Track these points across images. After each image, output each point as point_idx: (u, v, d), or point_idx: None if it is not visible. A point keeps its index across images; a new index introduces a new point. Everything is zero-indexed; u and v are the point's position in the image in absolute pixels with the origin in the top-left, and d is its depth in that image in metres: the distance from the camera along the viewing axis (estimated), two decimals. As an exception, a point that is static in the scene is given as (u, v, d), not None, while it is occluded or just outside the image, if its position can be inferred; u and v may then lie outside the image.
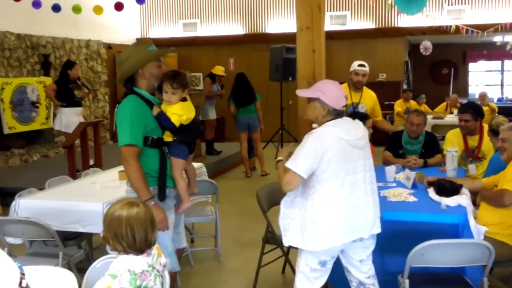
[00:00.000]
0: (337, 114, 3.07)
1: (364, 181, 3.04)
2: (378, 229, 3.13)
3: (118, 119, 3.20)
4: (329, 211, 2.95)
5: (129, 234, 2.26)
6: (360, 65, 5.54)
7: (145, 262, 2.27)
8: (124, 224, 2.27)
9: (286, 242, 3.13)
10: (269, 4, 13.43)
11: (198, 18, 13.94)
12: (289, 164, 2.94)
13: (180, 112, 3.30)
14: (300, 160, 2.93)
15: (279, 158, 3.15)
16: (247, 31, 13.65)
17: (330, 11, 12.81)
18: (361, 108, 5.59)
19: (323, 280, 3.14)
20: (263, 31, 13.50)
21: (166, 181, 3.30)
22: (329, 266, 3.11)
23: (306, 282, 3.10)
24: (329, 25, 12.63)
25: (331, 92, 3.06)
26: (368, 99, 5.70)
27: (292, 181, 2.95)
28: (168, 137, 3.31)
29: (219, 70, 10.07)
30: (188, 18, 14.02)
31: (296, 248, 3.15)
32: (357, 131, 3.07)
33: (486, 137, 4.96)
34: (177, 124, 3.28)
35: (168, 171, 3.32)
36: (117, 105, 3.40)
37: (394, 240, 3.53)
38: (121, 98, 3.33)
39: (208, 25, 13.88)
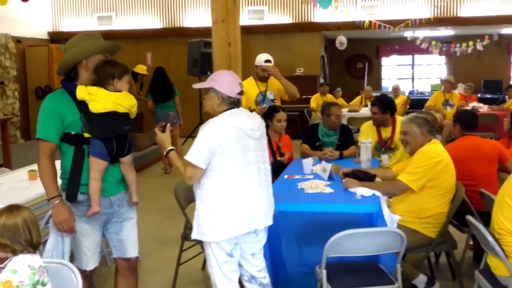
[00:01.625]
0: (232, 102, 3.07)
1: (259, 172, 3.08)
2: (270, 221, 3.16)
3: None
4: (225, 201, 2.95)
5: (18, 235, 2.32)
6: (266, 61, 5.61)
7: (40, 260, 2.35)
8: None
9: (192, 236, 3.10)
10: (186, -3, 13.29)
11: (113, 11, 13.55)
12: (188, 157, 2.93)
13: (104, 100, 2.98)
14: (197, 152, 2.91)
15: (169, 148, 3.11)
16: (165, 25, 13.43)
17: (248, 5, 12.85)
18: (270, 95, 5.68)
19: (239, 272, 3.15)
20: (181, 25, 13.33)
21: (78, 182, 2.98)
22: (237, 254, 3.10)
23: (222, 277, 3.07)
24: (247, 20, 12.67)
25: (224, 80, 3.07)
26: (275, 84, 5.76)
27: (193, 175, 2.95)
28: (85, 133, 2.99)
29: (141, 69, 9.84)
30: (102, 11, 13.59)
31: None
32: (253, 122, 3.10)
33: (398, 129, 5.12)
34: (94, 110, 2.96)
35: (86, 173, 2.99)
36: None
37: (311, 232, 3.57)
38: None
39: (124, 18, 13.52)
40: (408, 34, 12.90)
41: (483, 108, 10.50)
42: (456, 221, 4.38)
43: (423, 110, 10.14)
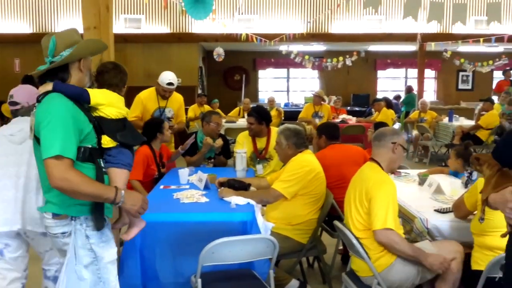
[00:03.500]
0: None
1: (18, 175, 3.13)
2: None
3: (43, 124, 2.36)
4: None
5: None
6: (168, 84, 5.63)
7: None
8: None
9: None
10: (57, 2, 12.73)
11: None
12: None
13: (120, 104, 2.64)
14: None
15: None
16: (35, 30, 12.76)
17: (124, 13, 12.60)
18: (168, 113, 5.72)
19: (15, 273, 3.22)
20: (52, 30, 12.74)
21: (103, 205, 2.51)
22: (11, 255, 3.20)
23: None
24: (123, 28, 12.42)
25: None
26: (175, 102, 5.81)
27: None
28: (108, 143, 2.58)
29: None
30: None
31: None
32: (15, 128, 3.23)
33: (273, 139, 5.27)
34: (112, 116, 2.61)
35: None
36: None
37: (187, 242, 3.55)
38: (40, 97, 2.53)
39: (-11, 21, 12.68)
40: (283, 48, 13.38)
41: (352, 120, 11.14)
42: (327, 226, 4.60)
43: (297, 121, 10.54)
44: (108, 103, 2.59)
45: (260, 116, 5.36)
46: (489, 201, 2.33)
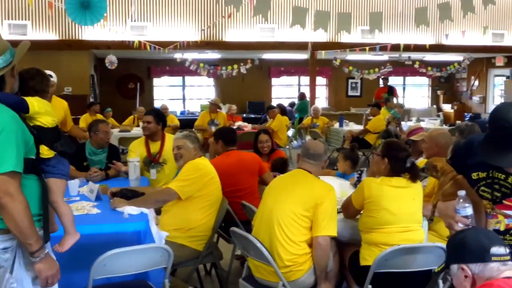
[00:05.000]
0: None
1: None
2: None
3: None
4: None
5: None
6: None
7: None
8: None
9: None
10: None
11: None
12: None
13: (53, 111, 2.54)
14: None
15: None
16: None
17: (8, 19, 11.95)
18: None
19: None
20: None
21: (48, 217, 2.44)
22: None
23: None
24: (8, 35, 11.77)
25: None
26: (59, 109, 5.49)
27: None
28: (47, 153, 2.49)
29: None
30: None
31: None
32: None
33: (167, 143, 5.21)
34: (48, 125, 2.50)
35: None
36: None
37: (79, 255, 3.40)
38: None
39: None
40: (178, 55, 13.31)
41: (247, 127, 11.29)
42: (224, 232, 4.61)
43: (193, 129, 10.51)
44: (45, 111, 2.51)
45: (158, 116, 5.28)
46: (436, 208, 2.42)
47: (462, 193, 2.18)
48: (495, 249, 1.99)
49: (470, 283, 2.00)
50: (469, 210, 2.17)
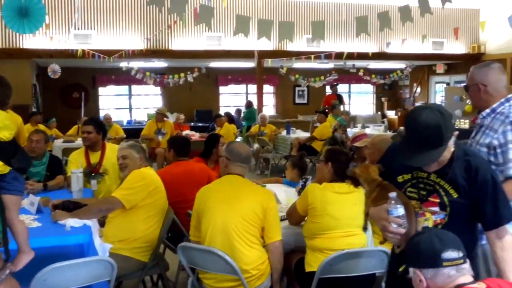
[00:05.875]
0: None
1: None
2: None
3: None
4: None
5: None
6: None
7: None
8: None
9: None
10: None
11: None
12: None
13: (12, 124, 2.45)
14: None
15: None
16: None
17: None
18: None
19: None
20: None
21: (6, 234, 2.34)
22: None
23: None
24: None
25: None
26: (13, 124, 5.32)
27: None
28: (2, 168, 2.38)
29: None
30: None
31: None
32: None
33: (107, 154, 5.14)
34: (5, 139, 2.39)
35: None
36: None
37: (19, 270, 3.31)
38: None
39: None
40: (123, 64, 13.14)
41: (195, 136, 11.24)
42: (171, 243, 4.56)
43: (139, 139, 10.40)
44: (3, 125, 2.41)
45: (99, 125, 5.19)
46: (369, 215, 2.47)
47: (393, 194, 2.24)
48: (446, 254, 2.02)
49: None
50: (401, 210, 2.23)
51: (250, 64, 14.37)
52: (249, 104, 15.08)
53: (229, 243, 3.41)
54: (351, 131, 11.28)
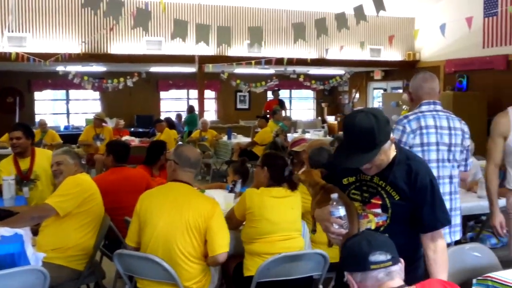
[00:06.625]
0: None
1: None
2: None
3: None
4: None
5: None
6: None
7: None
8: None
9: None
10: None
11: None
12: None
13: None
14: None
15: None
16: None
17: None
18: None
19: None
20: None
21: None
22: None
23: None
24: None
25: None
26: None
27: None
28: None
29: None
30: None
31: None
32: None
33: (37, 159, 5.00)
34: None
35: None
36: None
37: None
38: None
39: None
40: (60, 68, 12.80)
41: (135, 141, 11.09)
42: (108, 251, 4.48)
43: (77, 144, 10.17)
44: None
45: (27, 130, 5.03)
46: (315, 217, 2.48)
47: (334, 195, 2.28)
48: (374, 257, 2.02)
49: None
50: (342, 211, 2.27)
51: (191, 69, 14.31)
52: (190, 109, 15.00)
53: (171, 259, 3.29)
54: (291, 136, 11.40)
